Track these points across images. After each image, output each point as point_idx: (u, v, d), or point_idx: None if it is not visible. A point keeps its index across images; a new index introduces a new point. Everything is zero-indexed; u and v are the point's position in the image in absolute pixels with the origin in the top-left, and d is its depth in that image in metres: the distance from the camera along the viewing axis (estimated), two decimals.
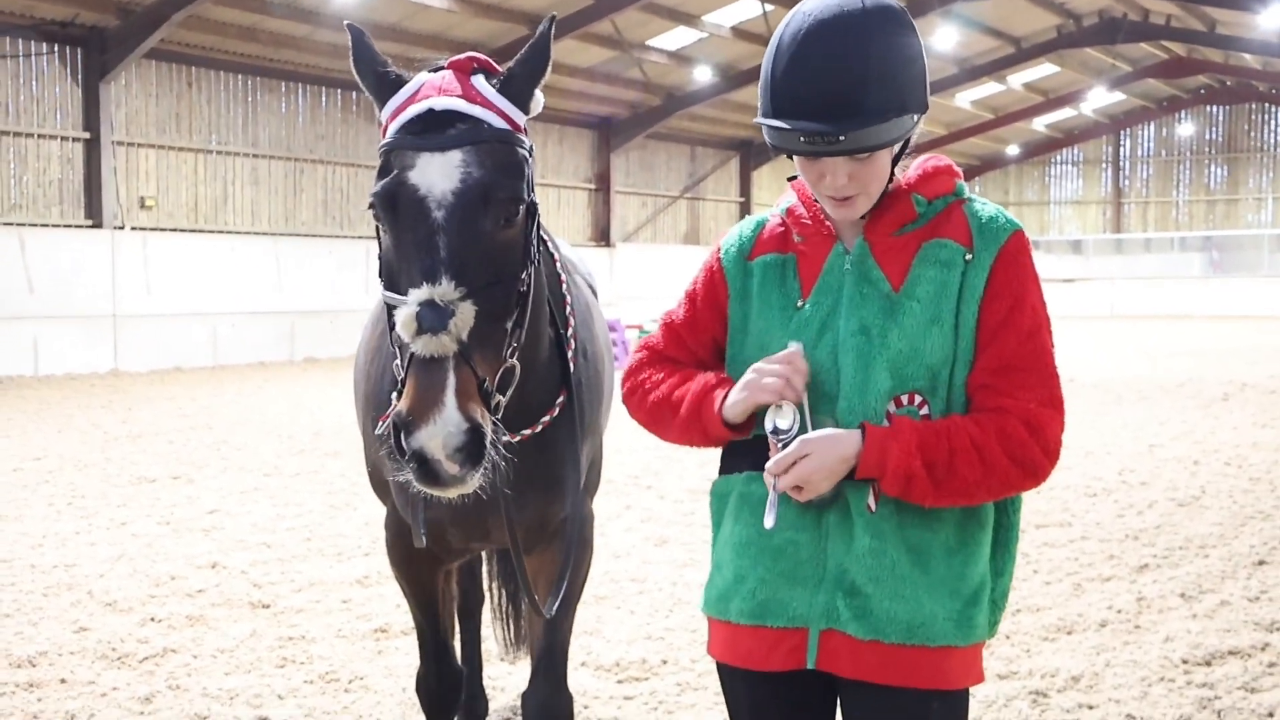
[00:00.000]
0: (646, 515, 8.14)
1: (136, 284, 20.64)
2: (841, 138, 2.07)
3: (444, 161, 2.40)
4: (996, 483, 2.14)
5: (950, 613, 2.18)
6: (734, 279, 2.36)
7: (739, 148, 36.92)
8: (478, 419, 2.25)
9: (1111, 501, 8.56)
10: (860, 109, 2.07)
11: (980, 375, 2.19)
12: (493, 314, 2.36)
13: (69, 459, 10.72)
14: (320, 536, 7.51)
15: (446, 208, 2.36)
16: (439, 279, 2.28)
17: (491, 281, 2.36)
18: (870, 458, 2.10)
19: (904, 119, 2.12)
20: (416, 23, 23.06)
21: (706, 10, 26.27)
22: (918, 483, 2.10)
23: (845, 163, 2.13)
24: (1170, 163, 44.81)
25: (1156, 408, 14.13)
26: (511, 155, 2.47)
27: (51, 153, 20.60)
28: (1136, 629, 5.54)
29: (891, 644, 2.16)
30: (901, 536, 2.18)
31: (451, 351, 2.24)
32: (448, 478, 2.25)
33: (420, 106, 2.47)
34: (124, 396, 16.30)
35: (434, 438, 2.20)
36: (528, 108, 2.59)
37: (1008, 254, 2.20)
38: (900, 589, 2.17)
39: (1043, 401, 2.17)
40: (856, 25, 2.09)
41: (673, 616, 5.79)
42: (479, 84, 2.53)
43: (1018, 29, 32.29)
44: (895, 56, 2.11)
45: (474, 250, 2.35)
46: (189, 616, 5.78)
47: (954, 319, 2.18)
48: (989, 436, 2.13)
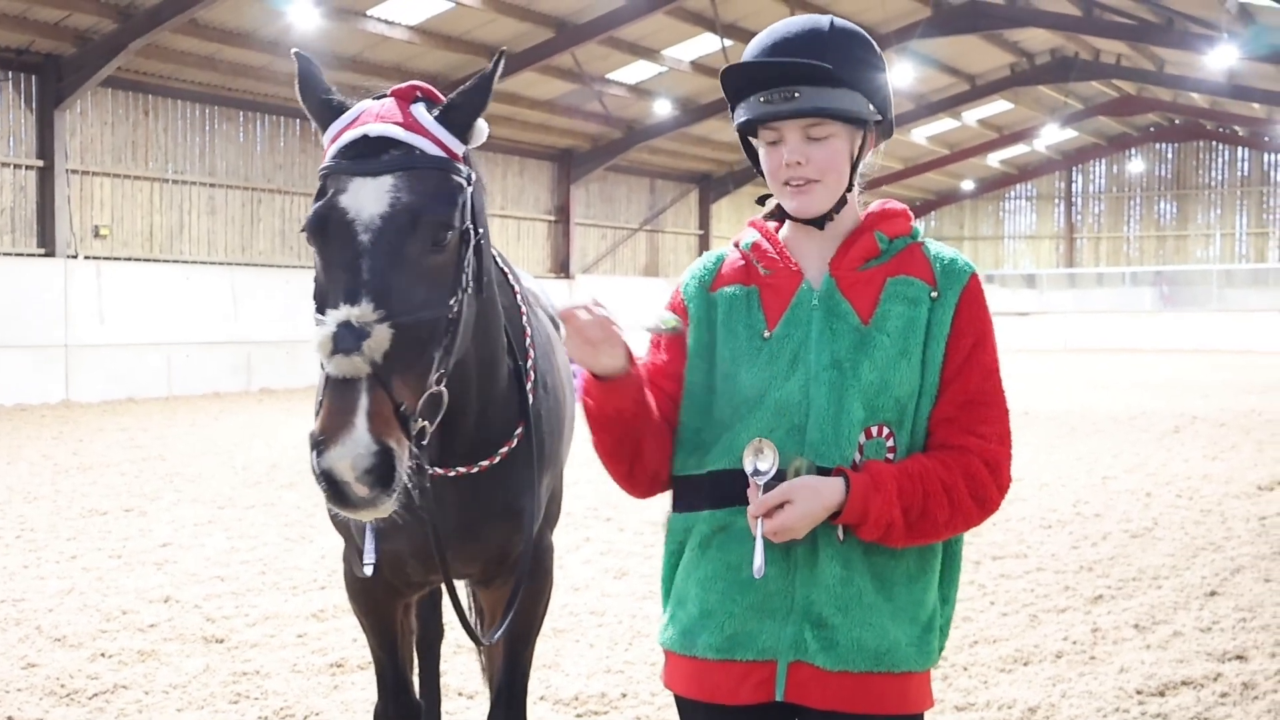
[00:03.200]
0: (606, 547, 8.12)
1: (90, 313, 20.40)
2: (797, 93, 2.19)
3: (375, 186, 2.41)
4: (960, 521, 2.23)
5: (911, 638, 2.23)
6: (696, 308, 2.38)
7: (698, 181, 37.15)
8: (389, 442, 2.23)
9: (1066, 533, 8.63)
10: (815, 71, 2.20)
11: (944, 409, 2.26)
12: (417, 339, 2.35)
13: (18, 491, 10.55)
14: (275, 570, 7.42)
15: (373, 231, 2.37)
16: (358, 300, 2.29)
17: (417, 306, 2.36)
18: (854, 507, 2.15)
19: (859, 98, 2.24)
20: (377, 54, 23.06)
21: (666, 45, 26.47)
22: (895, 529, 2.17)
23: (801, 141, 2.23)
24: (1121, 199, 45.54)
25: (1110, 440, 14.29)
26: (444, 182, 2.48)
27: (4, 180, 20.36)
28: (1092, 660, 5.58)
29: (859, 673, 2.20)
30: (868, 565, 2.23)
31: (364, 373, 2.23)
32: (357, 499, 2.24)
33: (356, 132, 2.49)
34: (75, 427, 16.06)
35: (343, 459, 2.19)
36: (467, 138, 2.60)
37: (970, 294, 2.29)
38: (868, 617, 2.20)
39: (999, 438, 2.27)
40: (821, 20, 2.30)
41: (632, 650, 5.77)
42: (418, 112, 2.55)
43: (972, 67, 32.78)
44: (855, 50, 2.28)
45: (398, 274, 2.35)
46: (140, 651, 5.69)
47: (921, 354, 2.25)
48: (956, 478, 2.21)
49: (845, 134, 2.26)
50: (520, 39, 24.02)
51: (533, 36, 23.91)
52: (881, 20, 26.80)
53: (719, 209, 38.23)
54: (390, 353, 2.26)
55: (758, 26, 26.61)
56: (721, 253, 2.45)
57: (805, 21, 2.32)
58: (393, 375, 2.27)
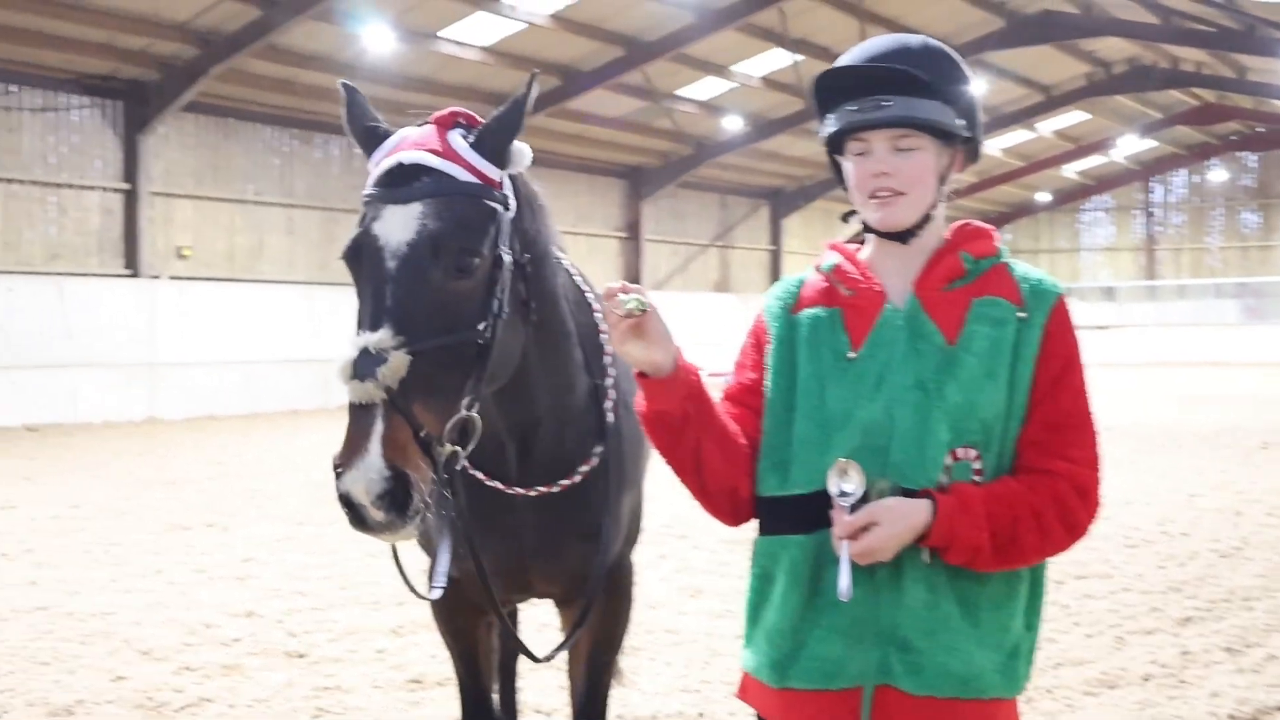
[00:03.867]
0: (681, 565, 8.09)
1: (172, 332, 20.85)
2: (887, 102, 2.20)
3: (404, 213, 2.44)
4: (1049, 547, 2.20)
5: (997, 664, 2.19)
6: (778, 329, 2.37)
7: (769, 196, 37.04)
8: (402, 467, 2.25)
9: (1152, 552, 8.44)
10: (907, 78, 2.21)
11: (1033, 432, 2.22)
12: (441, 364, 2.36)
13: (105, 506, 10.79)
14: (355, 585, 7.50)
15: (399, 258, 2.40)
16: (380, 327, 2.32)
17: (439, 332, 2.37)
18: (942, 531, 2.12)
19: (947, 110, 2.24)
20: (449, 75, 23.35)
21: (736, 61, 26.47)
22: (983, 554, 2.14)
23: (889, 152, 2.23)
24: (1203, 209, 44.62)
25: (1194, 457, 13.97)
26: (474, 208, 2.49)
27: (91, 204, 20.92)
28: (1181, 684, 5.44)
29: (945, 699, 2.16)
30: (954, 589, 2.19)
31: (378, 399, 2.26)
32: (374, 523, 2.27)
33: (392, 160, 2.52)
34: (159, 444, 16.41)
35: (356, 483, 2.23)
36: (503, 162, 2.59)
37: (1058, 315, 2.26)
38: (953, 642, 2.17)
39: (1089, 462, 2.23)
40: (906, 40, 2.33)
41: (709, 668, 5.74)
42: (453, 138, 2.56)
43: (1047, 77, 32.37)
44: (945, 65, 2.29)
45: (421, 300, 2.37)
46: (224, 665, 5.78)
47: (1009, 375, 2.21)
48: (1046, 503, 2.17)
49: (933, 148, 2.24)
50: (590, 57, 24.18)
51: (603, 55, 24.06)
52: (953, 31, 26.58)
53: (790, 224, 38.08)
54: (410, 379, 2.28)
55: (827, 42, 26.58)
56: (802, 276, 2.44)
57: (894, 39, 2.33)
58: (414, 401, 2.29)
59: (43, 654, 5.98)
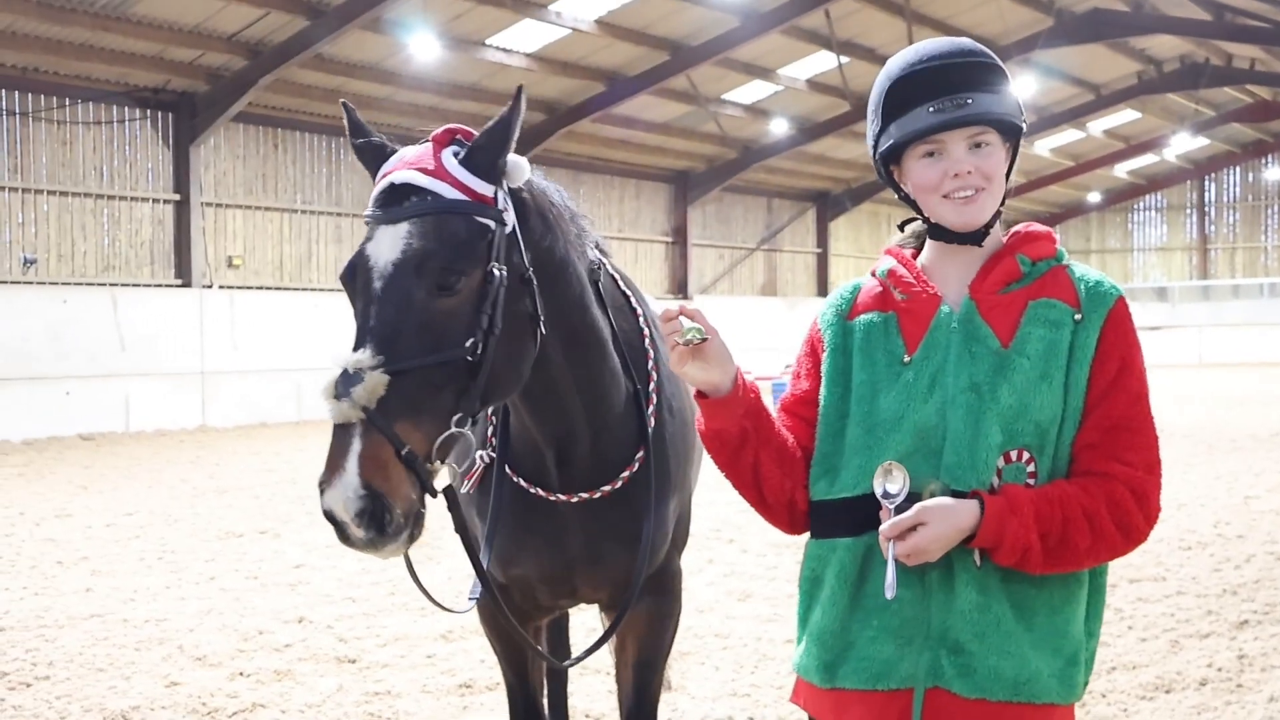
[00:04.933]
0: (729, 569, 8.07)
1: (223, 341, 21.10)
2: (969, 99, 2.20)
3: (392, 234, 2.46)
4: (1104, 550, 2.17)
5: (1054, 670, 2.17)
6: (833, 336, 2.37)
7: (815, 199, 36.88)
8: (380, 486, 2.27)
9: (1207, 555, 8.31)
10: (980, 78, 2.23)
11: (1088, 435, 2.20)
12: (426, 383, 2.37)
13: (159, 514, 10.94)
14: (404, 591, 7.55)
15: (384, 278, 2.42)
16: (361, 347, 2.35)
17: (421, 351, 2.37)
18: (989, 531, 2.10)
19: (1012, 105, 2.25)
20: (495, 82, 23.47)
21: (782, 64, 26.39)
22: (1033, 555, 2.12)
23: (967, 151, 2.23)
24: (1258, 207, 43.91)
25: (1250, 458, 13.74)
26: (463, 226, 2.48)
27: (143, 214, 21.23)
28: (1239, 688, 5.35)
29: (997, 702, 2.14)
30: (1006, 592, 2.18)
31: (354, 419, 2.29)
32: (356, 540, 2.30)
33: (385, 181, 2.54)
34: (211, 452, 16.61)
35: (335, 501, 2.27)
36: (496, 178, 2.57)
37: (1116, 317, 2.23)
38: (1005, 645, 2.15)
39: (1147, 466, 2.19)
40: (957, 41, 2.30)
41: (758, 673, 5.72)
42: (445, 156, 2.56)
43: (1097, 76, 31.99)
44: (994, 64, 2.28)
45: (404, 320, 2.38)
46: (276, 671, 5.84)
47: (1064, 378, 2.20)
48: (1099, 505, 2.14)
49: (1000, 143, 2.26)
50: (635, 62, 24.22)
51: (648, 60, 24.07)
52: (1002, 32, 26.34)
53: (837, 227, 37.88)
54: (391, 398, 2.30)
55: (873, 44, 26.46)
56: (858, 282, 2.44)
57: (948, 41, 2.31)
58: (397, 419, 2.30)
59: (98, 660, 6.07)
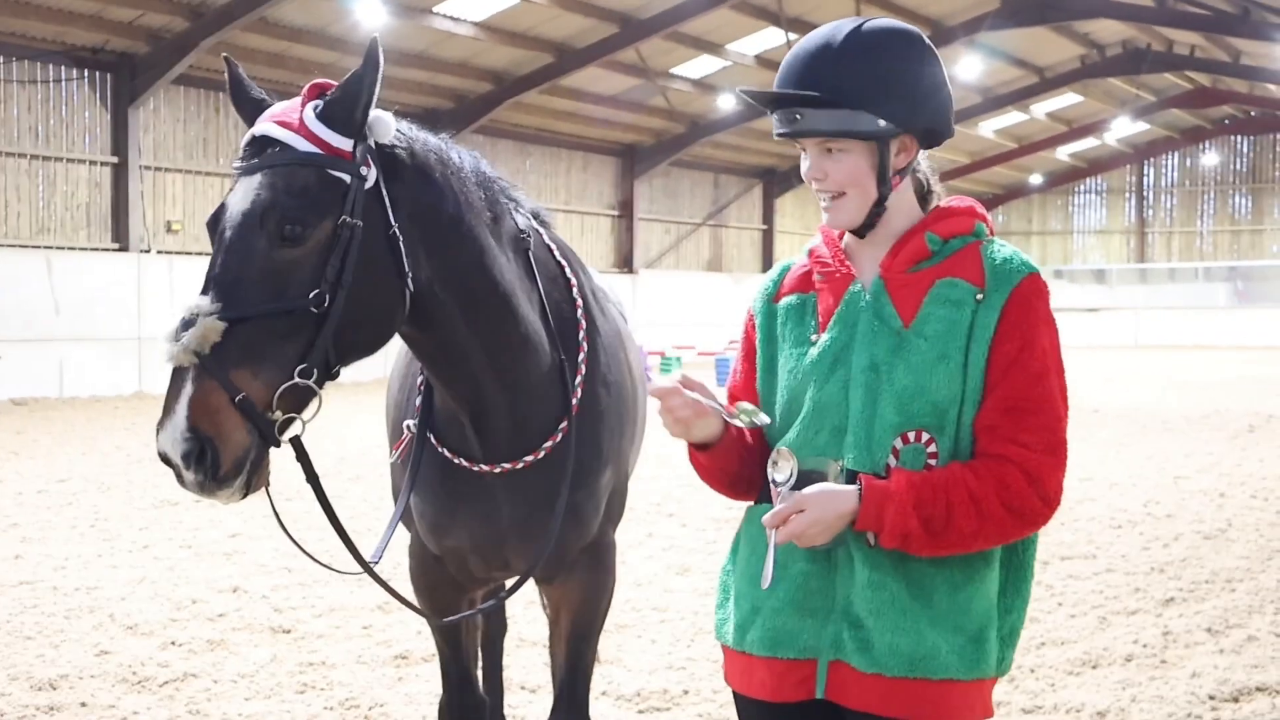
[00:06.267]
0: (669, 543, 8.11)
1: (162, 306, 20.74)
2: (798, 115, 2.21)
3: (246, 184, 2.50)
4: (993, 532, 2.17)
5: (954, 646, 2.20)
6: (762, 323, 2.42)
7: (762, 175, 36.98)
8: (206, 430, 2.31)
9: (1137, 534, 8.48)
10: (825, 89, 2.19)
11: (987, 415, 2.20)
12: (267, 331, 2.40)
13: (93, 481, 10.78)
14: (342, 561, 7.49)
15: (233, 228, 2.45)
16: (206, 294, 2.40)
17: (260, 300, 2.40)
18: (867, 515, 2.14)
19: (863, 116, 2.19)
20: (443, 50, 23.23)
21: (730, 39, 26.37)
22: (914, 539, 2.14)
23: (819, 155, 2.25)
24: (1194, 193, 44.64)
25: (1181, 439, 14.02)
26: (310, 177, 2.49)
27: (80, 177, 20.81)
28: (1163, 664, 5.47)
29: (893, 677, 2.18)
30: (903, 570, 2.21)
31: (187, 362, 2.33)
32: (189, 483, 2.35)
33: (249, 133, 2.58)
34: (148, 419, 16.36)
35: (164, 443, 2.32)
36: (355, 132, 2.57)
37: (1020, 295, 2.20)
38: (901, 622, 2.19)
39: (1045, 448, 2.17)
40: (846, 27, 2.25)
41: (694, 646, 5.76)
42: (307, 110, 2.57)
43: (1041, 59, 32.30)
44: (871, 64, 2.20)
45: (246, 269, 2.42)
46: (210, 641, 5.79)
47: (963, 358, 2.19)
48: (987, 488, 2.15)
49: (862, 148, 2.23)
50: (584, 34, 24.07)
51: (597, 32, 23.94)
52: (949, 13, 26.50)
53: (783, 203, 38.04)
54: (229, 345, 2.34)
55: (822, 19, 26.24)
56: (788, 263, 2.48)
57: (823, 36, 2.27)
58: (232, 367, 2.34)
59: (27, 628, 5.98)
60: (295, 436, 2.52)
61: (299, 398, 2.46)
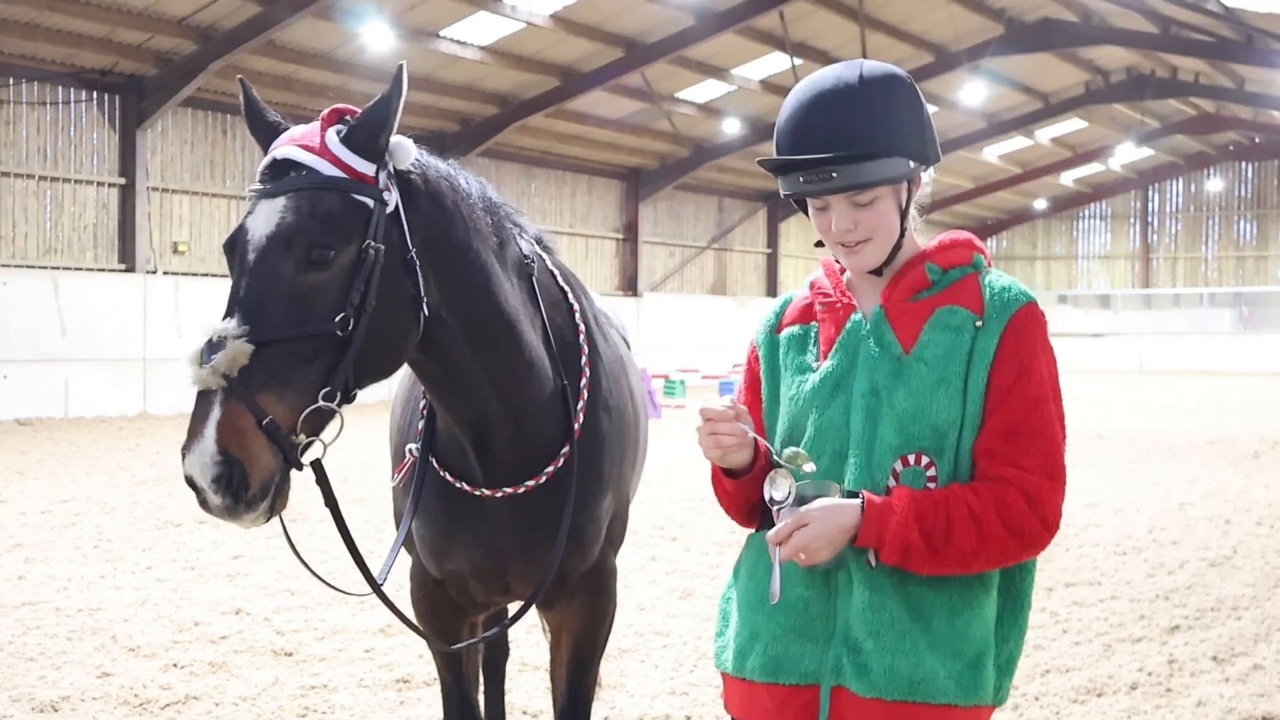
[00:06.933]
0: (671, 567, 8.09)
1: (167, 328, 20.81)
2: (834, 174, 2.20)
3: (269, 207, 2.49)
4: (993, 552, 2.19)
5: (951, 671, 2.21)
6: (766, 354, 2.45)
7: (766, 199, 37.05)
8: (237, 453, 2.30)
9: (1142, 560, 8.45)
10: (851, 145, 2.21)
11: (986, 440, 2.23)
12: (292, 355, 2.40)
13: (96, 502, 10.78)
14: (344, 584, 7.48)
15: (257, 251, 2.45)
16: (231, 317, 2.39)
17: (287, 324, 2.40)
18: (869, 529, 2.15)
19: (896, 160, 2.23)
20: (449, 74, 23.35)
21: (735, 64, 26.48)
22: (915, 553, 2.15)
23: (848, 208, 2.25)
24: (1199, 218, 44.67)
25: (1187, 464, 13.98)
26: (337, 202, 2.50)
27: (87, 198, 20.90)
28: (1168, 692, 5.45)
29: (893, 701, 2.19)
30: (902, 592, 2.22)
31: (215, 385, 2.32)
32: (215, 507, 2.34)
33: (269, 156, 2.57)
34: (152, 440, 16.39)
35: (193, 467, 2.31)
36: (377, 157, 2.58)
37: (1019, 323, 2.25)
38: (900, 644, 2.20)
39: (1044, 471, 2.21)
40: (850, 77, 2.27)
41: (697, 671, 5.74)
42: (329, 134, 2.58)
43: (1046, 85, 32.39)
44: (889, 105, 2.25)
45: (272, 292, 2.42)
46: (212, 663, 5.77)
47: (962, 383, 2.23)
48: (987, 507, 2.17)
49: (889, 193, 2.27)
50: (590, 59, 24.18)
51: (602, 56, 24.05)
52: (952, 39, 26.59)
53: (787, 227, 38.10)
54: (255, 369, 2.34)
55: (827, 46, 26.59)
56: (790, 295, 2.52)
57: (834, 81, 2.27)
58: (258, 390, 2.34)
59: (29, 649, 5.97)
60: (316, 459, 2.53)
61: (320, 420, 2.47)
